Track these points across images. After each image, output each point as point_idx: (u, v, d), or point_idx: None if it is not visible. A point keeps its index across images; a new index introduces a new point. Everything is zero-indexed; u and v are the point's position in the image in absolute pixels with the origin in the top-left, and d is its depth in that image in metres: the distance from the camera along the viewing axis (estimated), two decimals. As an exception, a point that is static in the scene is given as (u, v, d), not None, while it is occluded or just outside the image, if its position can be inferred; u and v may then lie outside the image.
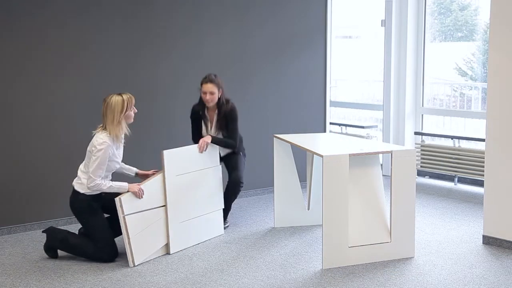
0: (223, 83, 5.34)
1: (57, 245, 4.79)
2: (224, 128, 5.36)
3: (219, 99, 5.30)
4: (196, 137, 5.42)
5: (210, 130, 5.41)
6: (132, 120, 4.73)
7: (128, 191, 4.62)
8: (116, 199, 4.54)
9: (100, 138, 4.56)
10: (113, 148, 4.61)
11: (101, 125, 4.64)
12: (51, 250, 4.81)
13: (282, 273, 4.45)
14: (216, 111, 5.36)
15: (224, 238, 5.27)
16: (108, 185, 4.60)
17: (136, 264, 4.61)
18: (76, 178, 4.72)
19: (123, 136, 4.74)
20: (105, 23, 5.73)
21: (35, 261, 4.73)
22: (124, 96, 4.62)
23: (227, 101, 5.36)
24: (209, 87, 5.24)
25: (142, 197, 4.65)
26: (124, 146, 4.83)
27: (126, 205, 4.56)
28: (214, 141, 5.24)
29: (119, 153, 4.74)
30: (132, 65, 5.92)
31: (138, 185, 4.68)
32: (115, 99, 4.59)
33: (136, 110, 4.75)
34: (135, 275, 4.40)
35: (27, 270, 4.54)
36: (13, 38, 5.31)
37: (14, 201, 5.41)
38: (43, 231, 4.90)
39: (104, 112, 4.60)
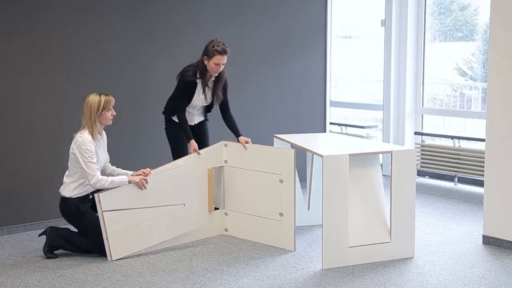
0: None
1: (61, 243, 4.82)
2: (219, 94, 5.21)
3: None
4: (184, 108, 5.18)
5: (206, 98, 5.21)
6: (109, 122, 4.79)
7: (130, 183, 4.71)
8: (95, 195, 4.62)
9: (80, 137, 4.66)
10: (94, 144, 4.67)
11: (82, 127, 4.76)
12: (51, 251, 4.81)
13: (282, 273, 4.45)
14: (214, 78, 5.16)
15: (224, 238, 5.27)
16: (109, 181, 4.66)
17: (113, 259, 4.68)
18: (62, 185, 4.81)
19: (100, 136, 4.78)
20: (106, 24, 5.73)
21: (35, 261, 4.73)
22: (102, 97, 4.71)
23: (224, 69, 5.18)
24: (224, 59, 5.03)
25: (145, 188, 4.73)
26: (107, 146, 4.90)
27: (104, 202, 4.62)
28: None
29: (101, 152, 4.78)
30: (132, 65, 5.92)
31: (141, 175, 4.74)
32: (93, 98, 4.70)
33: (115, 113, 4.78)
34: (135, 275, 4.40)
35: (27, 270, 4.54)
36: (14, 39, 5.30)
37: (14, 201, 5.41)
38: (40, 235, 4.92)
39: (83, 110, 4.71)
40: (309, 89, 7.09)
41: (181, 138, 5.24)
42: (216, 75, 5.13)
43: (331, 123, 7.84)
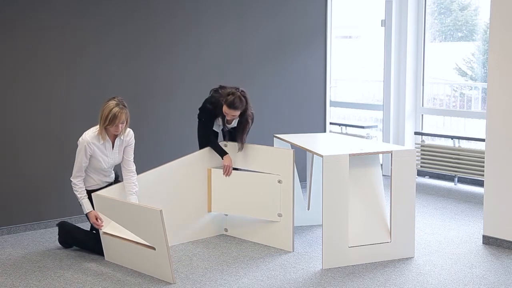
0: (249, 99, 5.08)
1: (67, 237, 4.94)
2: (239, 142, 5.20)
3: (242, 114, 5.08)
4: (210, 135, 5.23)
5: (225, 128, 5.25)
6: (115, 134, 4.70)
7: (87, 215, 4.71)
8: (93, 194, 4.65)
9: (84, 134, 4.67)
10: (92, 145, 4.63)
11: None
12: (65, 243, 4.99)
13: (282, 273, 4.45)
14: (237, 124, 5.19)
15: (224, 238, 5.27)
16: (76, 193, 4.68)
17: (106, 259, 4.69)
18: None
19: (112, 140, 4.73)
20: (105, 24, 5.73)
21: (35, 261, 4.74)
22: (114, 110, 4.54)
23: (248, 118, 5.16)
24: (231, 112, 5.00)
25: (100, 228, 4.65)
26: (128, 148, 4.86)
27: (96, 203, 4.64)
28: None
29: (109, 153, 4.74)
30: (132, 66, 5.92)
31: (95, 222, 4.63)
32: (107, 107, 4.57)
33: (119, 130, 4.63)
34: (135, 275, 4.40)
35: (27, 270, 4.55)
36: (13, 38, 5.30)
37: (14, 201, 5.41)
38: (56, 224, 5.09)
39: (100, 110, 4.66)
40: (309, 89, 7.09)
41: (208, 137, 5.25)
42: (230, 119, 5.11)
43: (331, 123, 7.84)
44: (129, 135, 4.82)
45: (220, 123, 5.23)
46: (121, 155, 4.81)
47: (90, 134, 4.65)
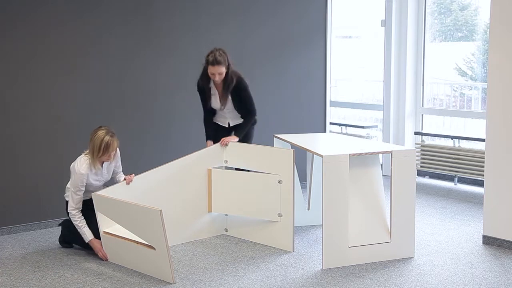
0: (229, 56, 5.06)
1: (70, 237, 4.95)
2: (234, 99, 5.19)
3: (226, 73, 5.04)
4: (206, 110, 5.31)
5: (220, 102, 5.22)
6: (107, 161, 4.78)
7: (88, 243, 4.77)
8: (93, 194, 4.66)
9: (77, 165, 4.69)
10: (88, 176, 4.69)
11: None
12: (65, 242, 5.01)
13: (282, 273, 4.45)
14: (222, 85, 5.14)
15: (224, 238, 5.27)
16: (76, 222, 4.72)
17: (108, 260, 4.70)
18: (66, 191, 4.90)
19: (100, 166, 4.78)
20: (105, 24, 5.73)
21: (35, 261, 4.74)
22: (106, 138, 4.61)
23: (232, 76, 5.09)
24: (216, 69, 4.97)
25: (104, 259, 4.71)
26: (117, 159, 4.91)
27: (96, 203, 4.65)
28: (241, 135, 5.25)
29: (100, 177, 4.80)
30: (132, 66, 5.92)
31: (101, 250, 4.69)
32: (98, 138, 4.62)
33: (111, 158, 4.74)
34: (135, 275, 4.41)
35: (27, 270, 4.55)
36: (13, 38, 5.30)
37: (14, 201, 5.41)
38: (59, 224, 5.11)
39: (90, 139, 4.69)
40: (309, 89, 7.09)
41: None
42: (218, 83, 5.12)
43: (331, 123, 7.84)
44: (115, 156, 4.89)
45: (216, 101, 5.22)
46: (109, 173, 4.89)
47: (84, 167, 4.68)
